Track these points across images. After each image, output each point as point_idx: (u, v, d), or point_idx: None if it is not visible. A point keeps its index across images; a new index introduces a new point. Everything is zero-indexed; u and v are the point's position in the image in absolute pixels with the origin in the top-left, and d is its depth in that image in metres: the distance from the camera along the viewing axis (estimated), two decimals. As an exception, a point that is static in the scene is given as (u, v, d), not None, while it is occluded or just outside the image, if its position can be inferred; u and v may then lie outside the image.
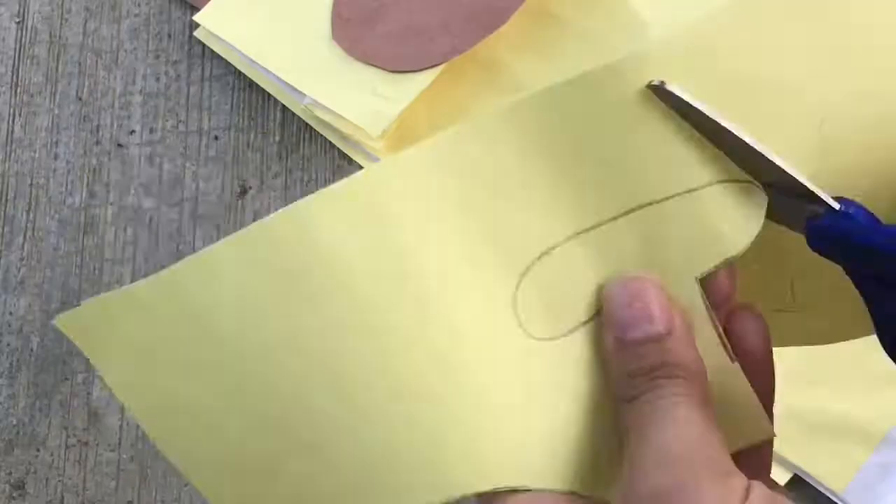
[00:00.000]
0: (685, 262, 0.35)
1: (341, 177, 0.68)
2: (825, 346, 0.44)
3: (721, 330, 0.36)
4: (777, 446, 0.49)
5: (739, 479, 0.32)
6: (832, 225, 0.33)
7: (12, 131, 0.70)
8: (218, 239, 0.66)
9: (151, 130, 0.70)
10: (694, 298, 0.35)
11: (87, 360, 0.65)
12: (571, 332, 0.36)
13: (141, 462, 0.64)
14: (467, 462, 0.34)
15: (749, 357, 0.37)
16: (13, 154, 0.70)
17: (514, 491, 0.35)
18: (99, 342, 0.39)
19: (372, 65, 0.67)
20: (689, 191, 0.35)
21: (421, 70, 0.66)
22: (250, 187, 0.68)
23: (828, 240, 0.33)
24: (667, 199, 0.35)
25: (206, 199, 0.68)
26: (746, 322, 0.38)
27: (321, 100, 0.66)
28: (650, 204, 0.35)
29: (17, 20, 0.72)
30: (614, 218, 0.35)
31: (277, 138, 0.69)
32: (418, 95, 0.66)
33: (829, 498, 0.60)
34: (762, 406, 0.37)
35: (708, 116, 0.34)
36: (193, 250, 0.65)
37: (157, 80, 0.71)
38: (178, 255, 0.67)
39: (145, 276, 0.65)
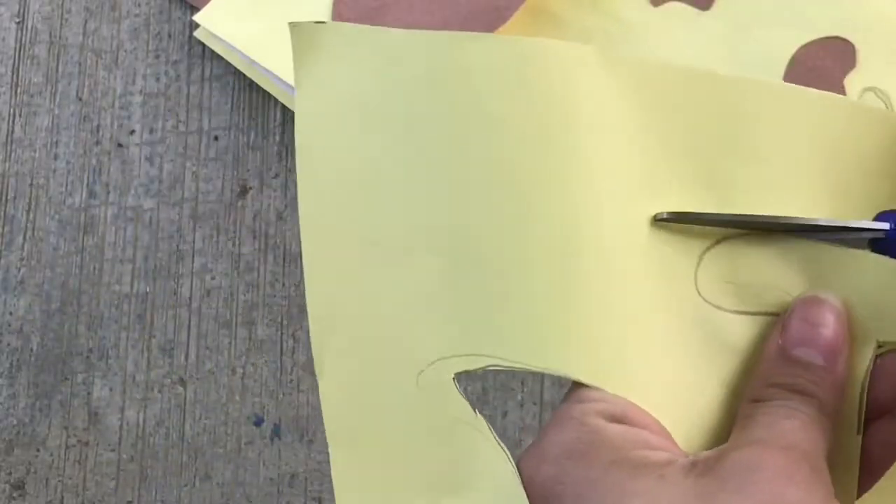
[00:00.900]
0: (871, 319, 0.36)
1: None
2: None
3: (864, 403, 0.35)
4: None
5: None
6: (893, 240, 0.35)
7: (12, 131, 0.70)
8: (218, 239, 0.66)
9: (151, 130, 0.69)
10: (863, 359, 0.35)
11: (87, 359, 0.64)
12: (739, 312, 0.37)
13: (141, 462, 0.64)
14: (580, 346, 0.35)
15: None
16: (13, 154, 0.70)
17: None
18: (314, 63, 0.39)
19: None
20: None
21: None
22: (250, 187, 0.68)
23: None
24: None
25: (206, 199, 0.68)
26: None
27: None
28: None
29: (17, 20, 0.72)
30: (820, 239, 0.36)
31: (277, 138, 0.69)
32: None
33: None
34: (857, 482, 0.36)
35: (729, 216, 0.35)
36: (193, 250, 0.67)
37: (157, 80, 0.70)
38: (179, 255, 0.67)
39: (145, 276, 0.66)
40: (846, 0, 0.66)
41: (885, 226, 0.35)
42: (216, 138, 0.69)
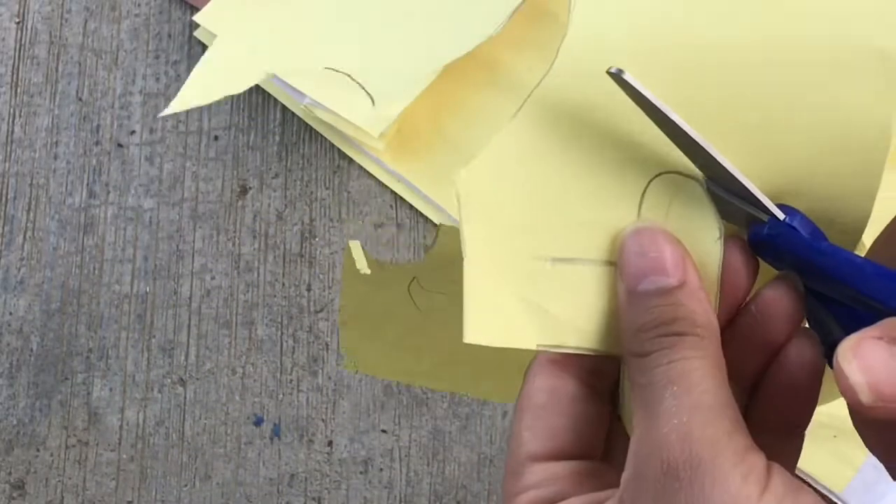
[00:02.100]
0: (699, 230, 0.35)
1: (341, 177, 0.69)
2: None
3: (719, 290, 0.35)
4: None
5: (759, 457, 0.31)
6: (772, 234, 0.33)
7: (12, 131, 0.70)
8: (218, 239, 0.67)
9: (151, 130, 0.70)
10: (710, 256, 0.35)
11: (87, 359, 0.65)
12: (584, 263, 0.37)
13: (141, 462, 0.65)
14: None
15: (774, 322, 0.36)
16: (13, 154, 0.70)
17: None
18: None
19: None
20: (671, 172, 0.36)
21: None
22: (250, 187, 0.68)
23: (767, 248, 0.34)
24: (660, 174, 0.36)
25: (206, 199, 0.68)
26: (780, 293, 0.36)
27: (321, 100, 0.67)
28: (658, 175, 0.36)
29: (17, 20, 0.72)
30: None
31: (277, 138, 0.69)
32: (419, 96, 0.66)
33: (828, 498, 0.60)
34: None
35: (657, 107, 0.34)
36: (193, 250, 0.67)
37: (157, 80, 0.70)
38: (179, 255, 0.67)
39: (145, 276, 0.67)
40: None
41: (780, 214, 0.33)
42: (216, 138, 0.69)
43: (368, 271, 0.42)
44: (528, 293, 0.37)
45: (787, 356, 0.35)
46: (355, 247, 0.41)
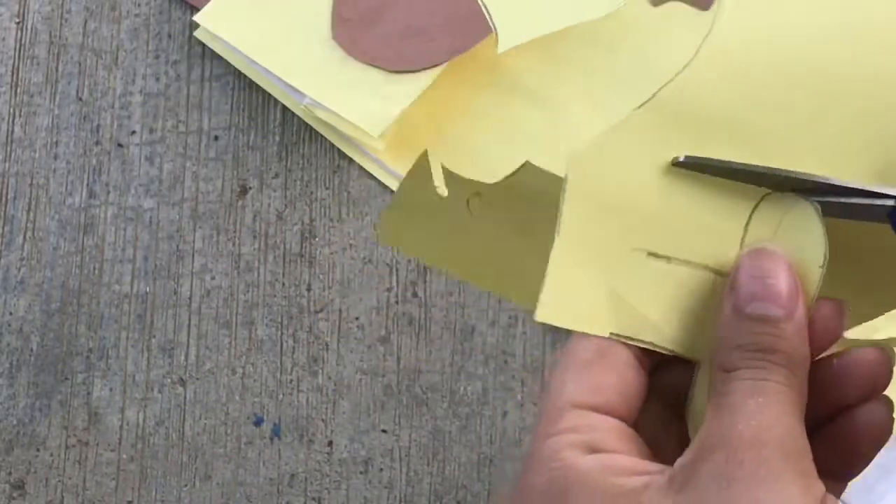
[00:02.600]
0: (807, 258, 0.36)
1: (341, 177, 0.69)
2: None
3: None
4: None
5: (818, 485, 0.31)
6: None
7: (12, 131, 0.70)
8: (218, 239, 0.67)
9: (151, 130, 0.70)
10: (810, 283, 0.35)
11: (87, 359, 0.65)
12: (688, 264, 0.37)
13: (141, 462, 0.65)
14: None
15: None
16: (13, 154, 0.70)
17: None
18: None
19: (372, 65, 0.67)
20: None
21: (421, 70, 0.67)
22: (250, 187, 0.68)
23: None
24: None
25: (206, 199, 0.69)
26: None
27: (321, 100, 0.67)
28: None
29: (17, 20, 0.72)
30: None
31: (277, 138, 0.69)
32: (419, 96, 0.66)
33: None
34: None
35: (743, 166, 0.35)
36: (193, 250, 0.67)
37: (157, 80, 0.71)
38: (179, 255, 0.68)
39: (145, 276, 0.67)
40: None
41: None
42: (216, 138, 0.69)
43: (437, 179, 0.43)
44: (614, 281, 0.37)
45: (856, 417, 0.36)
46: (434, 160, 0.42)
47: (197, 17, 0.70)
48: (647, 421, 0.37)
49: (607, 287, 0.37)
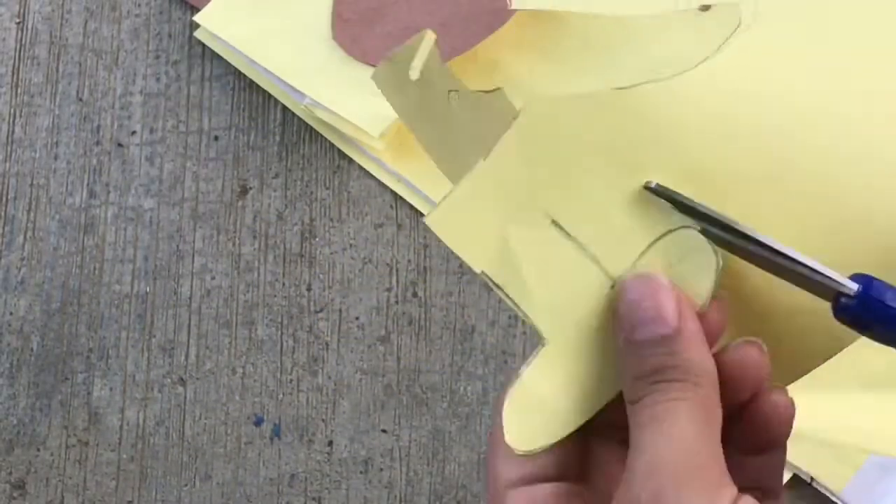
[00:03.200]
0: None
1: (341, 177, 0.68)
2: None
3: None
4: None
5: (728, 490, 0.31)
6: (862, 307, 0.34)
7: (13, 131, 0.70)
8: (218, 239, 0.67)
9: (152, 130, 0.70)
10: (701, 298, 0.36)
11: (88, 359, 0.65)
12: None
13: (141, 462, 0.65)
14: None
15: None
16: (13, 154, 0.70)
17: None
18: None
19: (372, 65, 0.67)
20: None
21: None
22: (251, 187, 0.68)
23: (856, 320, 0.34)
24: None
25: (207, 199, 0.68)
26: (748, 353, 0.37)
27: (321, 100, 0.67)
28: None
29: (18, 21, 0.72)
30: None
31: (277, 138, 0.69)
32: None
33: (828, 498, 0.60)
34: None
35: (708, 212, 0.36)
36: (194, 250, 0.67)
37: (158, 80, 0.71)
38: (179, 255, 0.67)
39: (145, 276, 0.67)
40: None
41: (854, 287, 0.34)
42: (216, 138, 0.69)
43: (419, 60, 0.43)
44: (510, 228, 0.38)
45: (760, 407, 0.37)
46: (428, 40, 0.42)
47: (197, 18, 0.70)
48: (605, 454, 0.38)
49: (501, 229, 0.38)
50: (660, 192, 0.36)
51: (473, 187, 0.38)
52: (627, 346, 0.35)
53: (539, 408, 0.37)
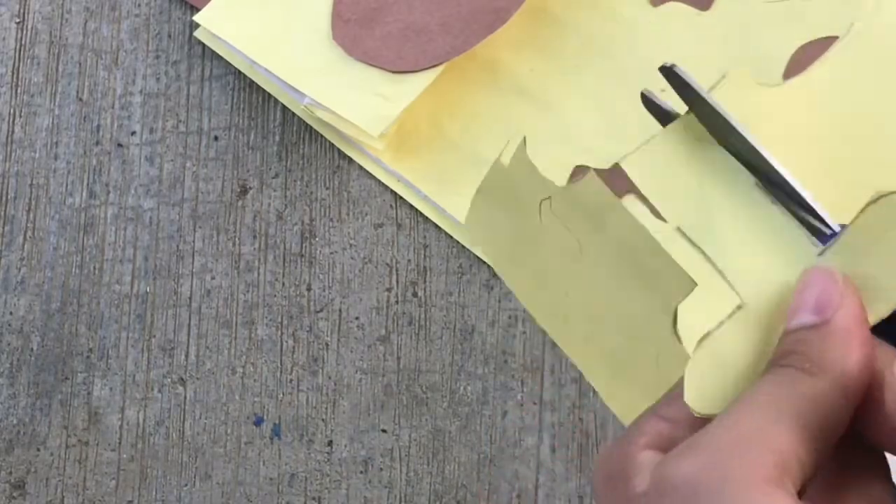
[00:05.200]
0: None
1: (341, 177, 0.69)
2: None
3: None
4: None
5: (773, 496, 0.30)
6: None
7: (12, 131, 0.71)
8: (218, 239, 0.67)
9: (151, 130, 0.70)
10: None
11: (88, 359, 0.66)
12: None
13: (141, 462, 0.65)
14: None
15: None
16: (13, 154, 0.70)
17: None
18: None
19: (372, 65, 0.68)
20: None
21: (421, 70, 0.67)
22: (250, 187, 0.69)
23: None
24: None
25: (206, 199, 0.69)
26: None
27: (321, 100, 0.67)
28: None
29: (18, 20, 0.73)
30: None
31: (277, 138, 0.70)
32: (418, 96, 0.67)
33: None
34: None
35: (715, 107, 0.35)
36: (193, 250, 0.68)
37: (158, 80, 0.71)
38: (179, 255, 0.68)
39: (145, 276, 0.67)
40: (843, 1, 0.67)
41: (836, 227, 0.34)
42: (216, 138, 0.70)
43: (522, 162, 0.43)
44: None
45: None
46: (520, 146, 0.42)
47: (197, 17, 0.70)
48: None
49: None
50: (669, 72, 0.36)
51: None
52: (783, 333, 0.34)
53: (724, 370, 0.36)
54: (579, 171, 0.66)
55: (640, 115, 0.57)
